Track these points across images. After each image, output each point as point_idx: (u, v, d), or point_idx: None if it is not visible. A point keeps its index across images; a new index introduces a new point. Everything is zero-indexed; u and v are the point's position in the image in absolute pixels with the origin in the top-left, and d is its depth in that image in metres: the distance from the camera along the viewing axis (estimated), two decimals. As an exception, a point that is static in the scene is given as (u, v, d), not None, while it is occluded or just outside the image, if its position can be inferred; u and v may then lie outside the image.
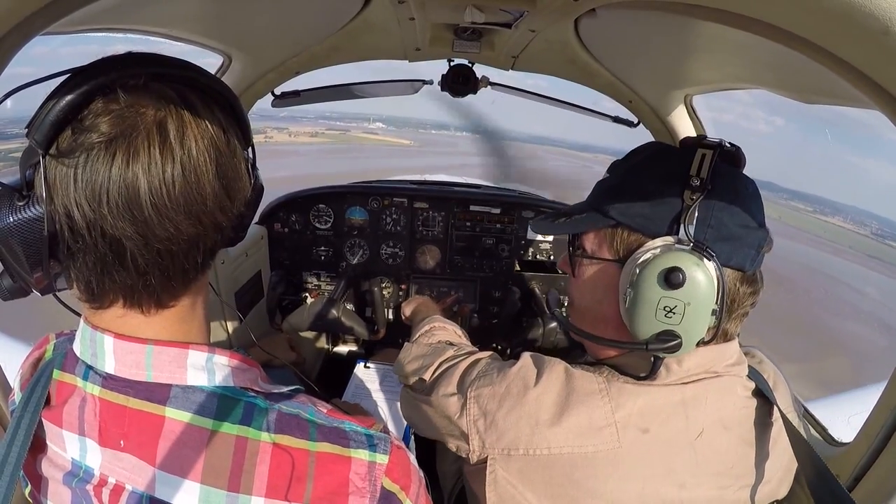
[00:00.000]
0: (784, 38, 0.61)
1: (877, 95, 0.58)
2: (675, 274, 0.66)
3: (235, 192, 0.54)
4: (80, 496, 0.56)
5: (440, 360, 0.93)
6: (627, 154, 0.83)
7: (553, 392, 0.74)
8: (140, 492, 0.52)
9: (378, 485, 0.53)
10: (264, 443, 0.51)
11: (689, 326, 0.69)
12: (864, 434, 0.79)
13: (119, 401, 0.52)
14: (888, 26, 0.45)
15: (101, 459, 0.54)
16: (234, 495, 0.50)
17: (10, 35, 0.53)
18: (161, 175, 0.46)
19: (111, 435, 0.53)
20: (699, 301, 0.68)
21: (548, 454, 0.71)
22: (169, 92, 0.49)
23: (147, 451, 0.51)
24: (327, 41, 1.31)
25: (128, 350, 0.52)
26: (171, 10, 0.95)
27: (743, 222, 0.70)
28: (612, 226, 0.76)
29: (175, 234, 0.48)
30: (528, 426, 0.73)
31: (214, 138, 0.51)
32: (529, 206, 1.91)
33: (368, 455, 0.53)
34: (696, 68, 1.19)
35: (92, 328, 0.53)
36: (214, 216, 0.51)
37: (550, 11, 0.94)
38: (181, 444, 0.51)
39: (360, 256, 1.93)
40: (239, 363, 0.56)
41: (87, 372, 0.54)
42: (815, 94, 0.91)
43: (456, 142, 52.18)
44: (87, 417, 0.54)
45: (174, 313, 0.54)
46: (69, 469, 0.56)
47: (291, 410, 0.54)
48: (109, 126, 0.45)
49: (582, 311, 0.86)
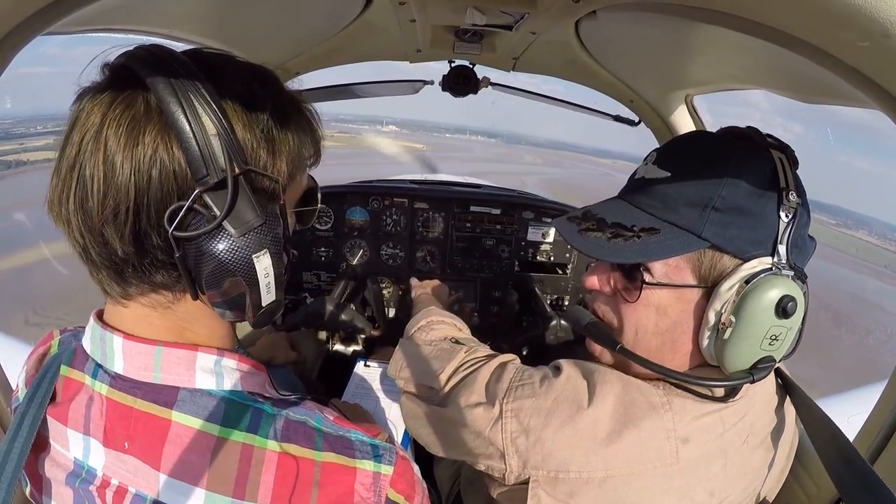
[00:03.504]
0: (784, 41, 0.61)
1: (878, 96, 0.58)
2: (791, 304, 0.62)
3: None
4: (82, 497, 0.55)
5: (453, 365, 0.83)
6: (684, 148, 0.74)
7: (609, 406, 0.67)
8: (144, 495, 0.52)
9: (383, 495, 0.53)
10: (270, 451, 0.51)
11: (784, 348, 0.66)
12: (864, 434, 0.79)
13: (126, 401, 0.52)
14: (888, 28, 0.45)
15: (105, 460, 0.53)
16: (239, 503, 0.50)
17: (10, 35, 0.53)
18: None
19: (116, 436, 0.52)
20: (798, 324, 0.65)
21: (603, 477, 0.65)
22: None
23: (152, 455, 0.51)
24: (328, 42, 1.31)
25: (136, 350, 0.51)
26: (172, 11, 0.95)
27: (807, 233, 0.68)
28: (703, 248, 0.66)
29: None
30: (583, 447, 0.66)
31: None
32: (529, 207, 1.91)
33: (373, 466, 0.53)
34: (696, 69, 1.19)
35: (102, 328, 0.53)
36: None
37: (551, 13, 0.94)
38: (187, 449, 0.50)
39: (361, 257, 1.93)
40: (248, 368, 0.56)
41: (97, 370, 0.53)
42: (815, 95, 0.91)
43: (471, 146, 51.05)
44: (93, 416, 0.53)
45: (183, 314, 0.53)
46: (71, 469, 0.55)
47: (299, 418, 0.54)
48: None
49: (637, 337, 0.73)
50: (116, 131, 0.44)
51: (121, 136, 0.44)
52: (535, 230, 1.91)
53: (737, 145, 0.67)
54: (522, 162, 43.58)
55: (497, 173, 24.92)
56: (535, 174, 30.84)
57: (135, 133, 0.44)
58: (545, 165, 43.43)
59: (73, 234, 0.48)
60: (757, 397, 0.72)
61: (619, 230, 0.70)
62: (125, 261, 0.48)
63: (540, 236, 1.92)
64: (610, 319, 0.77)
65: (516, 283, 1.96)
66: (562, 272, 1.96)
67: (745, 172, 0.64)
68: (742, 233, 0.64)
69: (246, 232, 0.47)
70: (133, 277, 0.49)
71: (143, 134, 0.44)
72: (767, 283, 0.62)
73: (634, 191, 0.74)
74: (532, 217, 1.91)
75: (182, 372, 0.52)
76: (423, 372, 0.87)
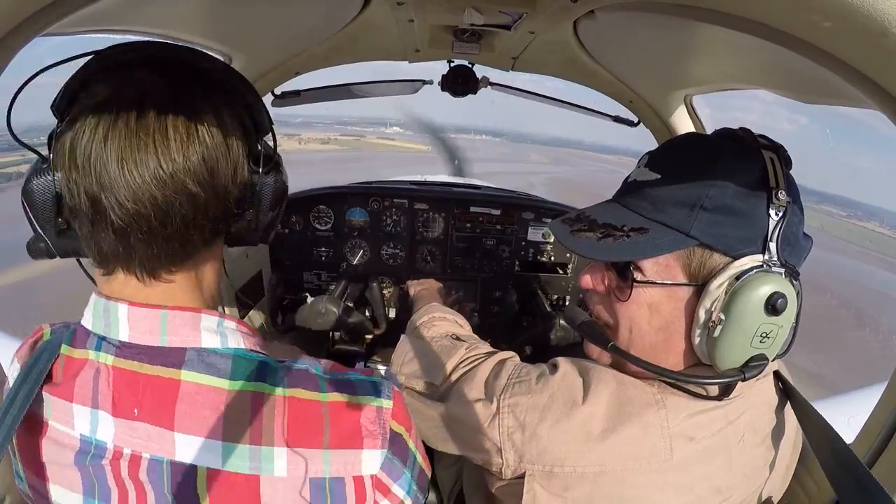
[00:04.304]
0: (783, 40, 0.61)
1: (877, 95, 0.58)
2: (780, 301, 0.62)
3: (218, 174, 0.53)
4: (92, 475, 0.55)
5: (454, 361, 0.84)
6: (674, 150, 0.75)
7: (603, 403, 0.68)
8: (159, 458, 0.53)
9: (387, 427, 0.56)
10: (279, 396, 0.54)
11: (777, 347, 0.67)
12: (864, 435, 0.79)
13: (133, 367, 0.53)
14: (886, 27, 0.45)
15: (115, 431, 0.53)
16: (257, 448, 0.52)
17: (10, 35, 0.53)
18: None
19: (125, 404, 0.53)
20: (790, 322, 0.65)
21: (598, 472, 0.66)
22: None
23: (163, 417, 0.52)
24: (327, 42, 1.32)
25: (142, 316, 0.53)
26: (172, 11, 0.96)
27: (802, 231, 0.68)
28: (692, 247, 0.67)
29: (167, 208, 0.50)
30: (577, 442, 0.67)
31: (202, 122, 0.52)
32: (529, 207, 1.91)
33: (375, 401, 0.57)
34: (695, 69, 1.19)
35: (105, 299, 0.54)
36: (198, 195, 0.51)
37: (549, 13, 0.95)
38: (199, 405, 0.52)
39: (361, 257, 1.93)
40: (247, 329, 0.59)
41: (100, 343, 0.54)
42: (815, 94, 0.91)
43: (476, 146, 50.69)
44: (100, 388, 0.53)
45: (184, 282, 0.56)
46: (78, 447, 0.55)
47: (300, 367, 0.58)
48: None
49: (631, 336, 0.74)
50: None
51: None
52: (535, 230, 1.92)
53: (727, 146, 0.68)
54: (529, 161, 42.99)
55: (505, 173, 24.43)
56: (543, 173, 30.35)
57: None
58: (551, 164, 42.95)
59: (154, 205, 0.49)
60: (753, 398, 0.73)
61: (610, 230, 0.71)
62: (216, 219, 0.54)
63: (540, 236, 1.92)
64: (605, 319, 0.78)
65: (517, 283, 1.96)
66: (562, 272, 1.96)
67: (734, 172, 0.65)
68: (731, 231, 0.65)
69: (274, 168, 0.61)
70: (198, 241, 0.54)
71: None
72: (757, 281, 0.62)
73: (627, 193, 0.75)
74: (532, 217, 1.91)
75: (188, 333, 0.54)
76: (424, 368, 0.88)
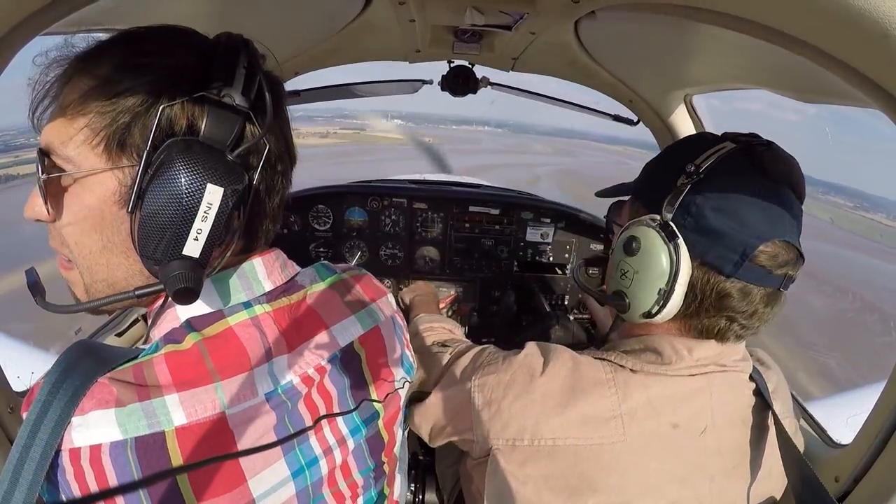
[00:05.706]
0: (784, 41, 0.61)
1: (878, 96, 0.58)
2: (634, 244, 0.74)
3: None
4: (285, 419, 0.57)
5: (439, 370, 0.91)
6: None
7: (559, 378, 0.74)
8: (331, 353, 0.65)
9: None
10: (344, 278, 0.73)
11: (636, 293, 0.75)
12: (864, 435, 0.79)
13: (283, 304, 0.63)
14: (888, 29, 0.45)
15: (294, 365, 0.60)
16: (368, 308, 0.72)
17: (10, 35, 0.53)
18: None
19: (290, 338, 0.61)
20: (647, 273, 0.73)
21: (552, 445, 0.71)
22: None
23: (316, 324, 0.65)
24: (328, 42, 1.31)
25: (272, 260, 0.65)
26: (171, 11, 0.95)
27: (732, 223, 0.68)
28: (632, 199, 0.84)
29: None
30: (534, 415, 0.72)
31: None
32: (528, 207, 1.91)
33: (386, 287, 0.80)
34: (695, 69, 1.19)
35: (237, 263, 0.61)
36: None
37: (550, 14, 0.95)
38: (328, 301, 0.68)
39: (360, 257, 1.93)
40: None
41: (248, 303, 0.60)
42: (815, 94, 0.91)
43: (479, 137, 49.19)
44: (269, 337, 0.59)
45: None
46: (269, 408, 0.56)
47: (330, 265, 0.75)
48: None
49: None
50: None
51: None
52: (533, 230, 1.91)
53: (704, 140, 0.78)
54: (532, 152, 41.90)
55: (508, 165, 23.74)
56: (548, 165, 29.38)
57: None
58: (556, 155, 41.93)
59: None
60: (723, 377, 0.75)
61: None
62: None
63: (539, 236, 1.92)
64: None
65: (515, 283, 1.96)
66: (561, 272, 1.96)
67: (681, 152, 0.78)
68: (646, 190, 0.81)
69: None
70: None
71: None
72: (630, 228, 0.76)
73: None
74: (531, 217, 1.91)
75: (288, 264, 0.69)
76: (416, 379, 0.93)
